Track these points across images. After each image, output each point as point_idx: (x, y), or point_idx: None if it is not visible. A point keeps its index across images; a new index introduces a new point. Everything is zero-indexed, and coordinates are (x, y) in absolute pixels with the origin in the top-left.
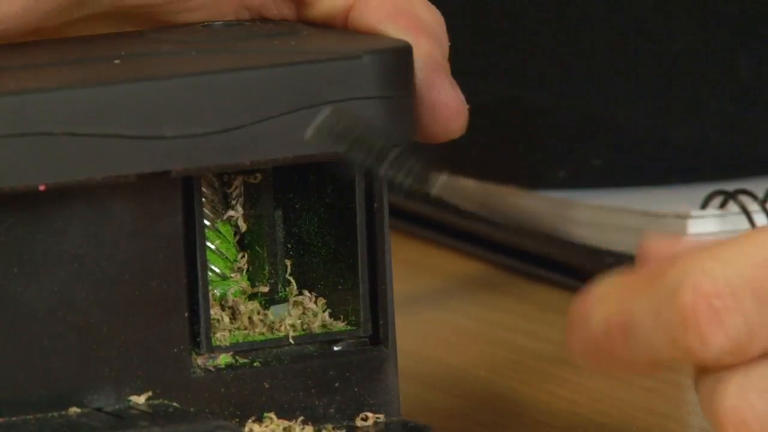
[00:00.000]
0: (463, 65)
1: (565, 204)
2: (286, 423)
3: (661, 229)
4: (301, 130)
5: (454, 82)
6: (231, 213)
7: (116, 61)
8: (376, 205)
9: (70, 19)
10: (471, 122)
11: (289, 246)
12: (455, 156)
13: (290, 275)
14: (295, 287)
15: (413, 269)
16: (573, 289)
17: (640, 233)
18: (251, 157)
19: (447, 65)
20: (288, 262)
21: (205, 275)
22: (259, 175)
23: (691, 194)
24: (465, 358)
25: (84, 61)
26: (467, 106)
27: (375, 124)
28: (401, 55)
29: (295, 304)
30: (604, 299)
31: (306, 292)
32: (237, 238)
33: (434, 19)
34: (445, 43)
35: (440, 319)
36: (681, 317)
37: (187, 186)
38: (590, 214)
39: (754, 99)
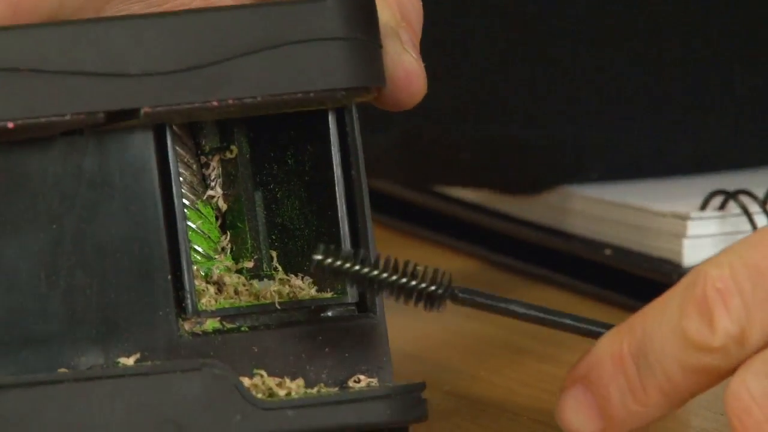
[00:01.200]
0: (443, 108)
1: (564, 195)
2: (277, 379)
3: (661, 230)
4: (267, 70)
5: (410, 40)
6: (210, 193)
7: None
8: (354, 173)
9: None
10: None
11: (274, 237)
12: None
13: (277, 262)
14: (282, 272)
15: None
16: (573, 289)
17: (639, 229)
18: (218, 96)
19: (402, 28)
20: (273, 253)
21: (186, 238)
22: (234, 148)
23: (691, 193)
24: (465, 358)
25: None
26: (422, 65)
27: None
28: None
29: (282, 282)
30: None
31: (293, 275)
32: (219, 222)
33: None
34: (408, 2)
35: (440, 319)
36: (695, 308)
37: (161, 147)
38: (590, 206)
39: (751, 116)
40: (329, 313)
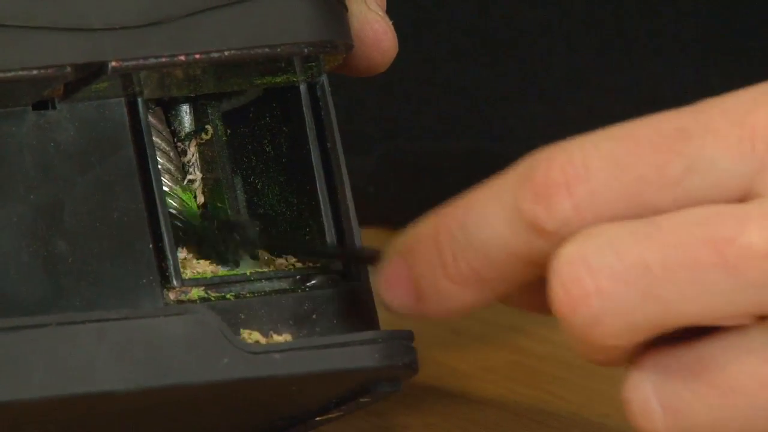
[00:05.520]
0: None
1: None
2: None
3: None
4: (232, 25)
5: (374, 2)
6: (190, 177)
7: None
8: (330, 146)
9: None
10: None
11: (259, 229)
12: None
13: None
14: (268, 255)
15: None
16: None
17: None
18: (185, 50)
19: None
20: None
21: (164, 206)
22: (209, 128)
23: None
24: (464, 358)
25: None
26: (390, 23)
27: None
28: None
29: (267, 261)
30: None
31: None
32: (200, 211)
33: None
34: None
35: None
36: (532, 189)
37: (134, 116)
38: None
39: None
40: (314, 282)
